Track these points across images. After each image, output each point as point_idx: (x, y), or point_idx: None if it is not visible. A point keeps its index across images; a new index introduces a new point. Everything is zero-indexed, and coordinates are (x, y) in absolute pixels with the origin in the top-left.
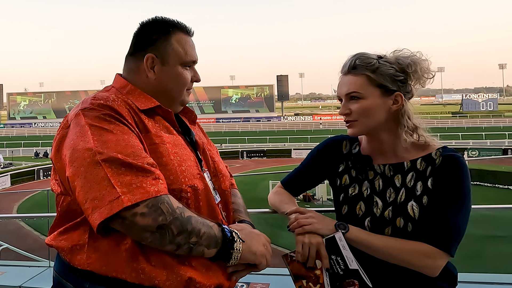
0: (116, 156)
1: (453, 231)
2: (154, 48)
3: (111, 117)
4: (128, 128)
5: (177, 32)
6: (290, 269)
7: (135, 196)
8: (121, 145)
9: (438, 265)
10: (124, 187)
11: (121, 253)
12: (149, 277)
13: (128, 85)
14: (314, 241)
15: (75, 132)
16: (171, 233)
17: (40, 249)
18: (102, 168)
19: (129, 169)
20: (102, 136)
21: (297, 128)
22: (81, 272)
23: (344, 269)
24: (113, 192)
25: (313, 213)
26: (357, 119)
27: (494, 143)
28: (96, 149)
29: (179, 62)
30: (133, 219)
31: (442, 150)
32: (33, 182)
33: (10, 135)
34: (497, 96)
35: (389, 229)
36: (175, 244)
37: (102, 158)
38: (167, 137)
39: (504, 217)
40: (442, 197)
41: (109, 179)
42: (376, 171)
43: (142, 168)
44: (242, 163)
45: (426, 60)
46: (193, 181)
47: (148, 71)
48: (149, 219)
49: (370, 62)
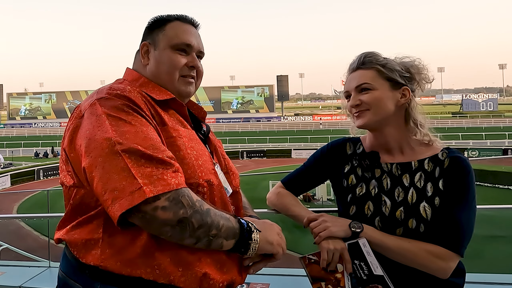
0: (137, 147)
1: (464, 233)
2: (149, 37)
3: (129, 107)
4: (146, 120)
5: (174, 21)
6: (308, 271)
7: (156, 188)
8: (140, 137)
9: (450, 267)
10: (145, 178)
11: (136, 249)
12: (165, 273)
13: (141, 77)
14: (338, 247)
15: (91, 121)
16: (191, 226)
17: (40, 249)
18: (122, 159)
19: (149, 161)
20: (120, 127)
21: (297, 128)
22: (92, 271)
23: (368, 274)
24: (134, 183)
25: (325, 216)
26: (368, 108)
27: (494, 143)
28: (115, 139)
29: (169, 44)
30: (154, 213)
31: (448, 151)
32: (33, 182)
33: (10, 135)
34: (497, 96)
35: (400, 229)
36: (195, 238)
37: (122, 149)
38: (183, 131)
39: (504, 217)
40: (451, 199)
41: (129, 169)
42: (383, 169)
43: (162, 160)
44: (242, 163)
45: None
46: (209, 176)
47: (143, 57)
48: (170, 213)
49: (378, 58)
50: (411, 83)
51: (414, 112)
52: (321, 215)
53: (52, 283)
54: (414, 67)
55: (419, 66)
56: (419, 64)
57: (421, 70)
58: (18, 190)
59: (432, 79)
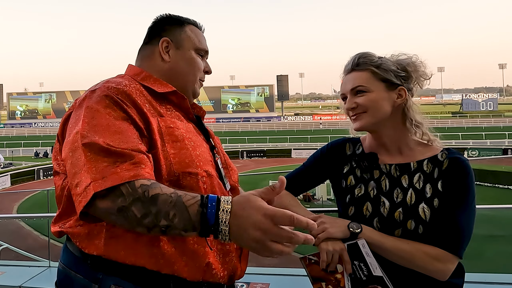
0: (97, 141)
1: (463, 235)
2: (168, 34)
3: (112, 100)
4: (126, 115)
5: (189, 24)
6: (309, 271)
7: (105, 183)
8: (110, 130)
9: (449, 269)
10: (98, 173)
11: (142, 238)
12: (168, 263)
13: (142, 72)
14: (337, 248)
15: (76, 114)
16: (132, 215)
17: (40, 249)
18: (81, 153)
19: (108, 155)
20: (93, 120)
21: (297, 128)
22: (95, 261)
23: (367, 275)
24: (87, 177)
25: (323, 217)
26: (365, 110)
27: (494, 143)
28: (82, 132)
29: (193, 47)
30: (98, 205)
31: (447, 152)
32: (33, 182)
33: (10, 135)
34: (497, 96)
35: (399, 231)
36: (144, 226)
37: (84, 142)
38: (179, 123)
39: (504, 217)
40: (451, 201)
41: (85, 164)
42: (382, 170)
43: (121, 153)
44: (242, 163)
45: (422, 62)
46: (207, 167)
47: (164, 53)
48: (108, 202)
49: (373, 59)
50: (408, 81)
51: (411, 112)
52: (319, 216)
53: (52, 283)
54: (410, 64)
55: (416, 62)
56: (416, 60)
57: (419, 67)
58: (18, 190)
59: (431, 75)
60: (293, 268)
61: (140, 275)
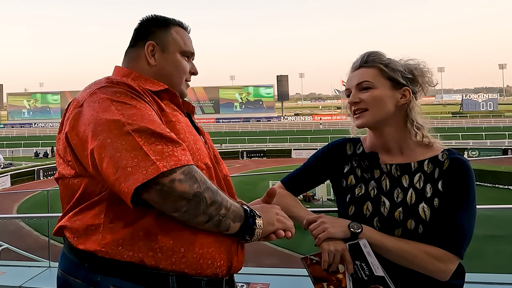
0: (147, 126)
1: (464, 235)
2: (154, 37)
3: (131, 93)
4: (149, 105)
5: (175, 26)
6: (310, 271)
7: (169, 163)
8: (147, 119)
9: (450, 269)
10: (158, 155)
11: (139, 232)
12: (166, 255)
13: (131, 72)
14: (339, 248)
15: (94, 107)
16: (205, 201)
17: (40, 249)
18: (133, 138)
19: (159, 139)
20: (126, 110)
21: (297, 128)
22: (93, 263)
23: (369, 275)
24: (148, 159)
25: (324, 217)
26: (367, 108)
27: (494, 143)
28: (124, 120)
29: (179, 50)
30: (171, 185)
31: (448, 152)
32: (33, 182)
33: (10, 135)
34: (497, 96)
35: (399, 230)
36: (207, 215)
37: (132, 129)
38: (180, 116)
39: (504, 217)
40: (451, 201)
41: (141, 147)
42: (382, 170)
43: (171, 138)
44: (242, 163)
45: (429, 70)
46: (206, 160)
47: (149, 57)
48: (186, 185)
49: (382, 58)
50: (413, 85)
51: (413, 113)
52: (320, 216)
53: (52, 283)
54: (418, 69)
55: (424, 69)
56: (423, 67)
57: (425, 73)
58: (18, 190)
59: (436, 83)
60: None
61: (139, 273)
